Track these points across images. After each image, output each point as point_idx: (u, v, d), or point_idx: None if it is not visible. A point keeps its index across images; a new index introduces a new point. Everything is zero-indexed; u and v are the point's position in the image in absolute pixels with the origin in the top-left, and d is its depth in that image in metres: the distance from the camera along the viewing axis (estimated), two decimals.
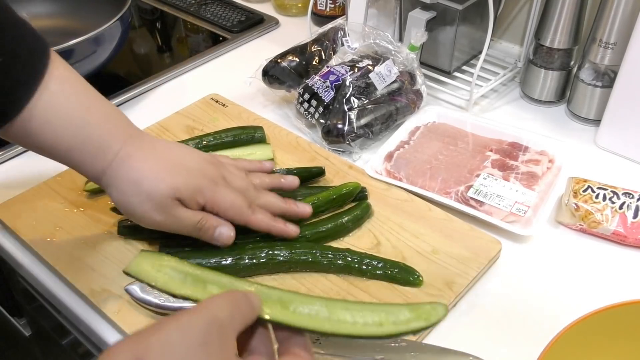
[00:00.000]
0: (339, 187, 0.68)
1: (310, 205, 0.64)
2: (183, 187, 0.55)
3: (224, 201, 0.57)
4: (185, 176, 0.56)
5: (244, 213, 0.58)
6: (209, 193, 0.56)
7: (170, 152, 0.57)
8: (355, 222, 0.66)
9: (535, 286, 0.62)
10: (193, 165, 0.57)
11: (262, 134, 0.77)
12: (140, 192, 0.54)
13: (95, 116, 0.54)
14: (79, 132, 0.53)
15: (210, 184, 0.57)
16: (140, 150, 0.55)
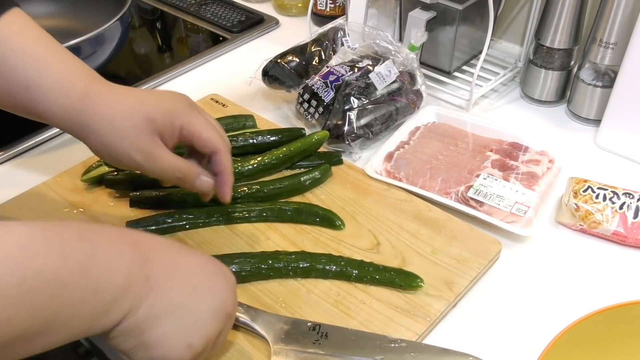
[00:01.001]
0: (308, 137, 0.74)
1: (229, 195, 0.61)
2: (157, 112, 0.53)
3: (200, 124, 0.55)
4: (157, 101, 0.54)
5: (217, 140, 0.57)
6: (185, 117, 0.55)
7: (135, 89, 0.56)
8: (314, 182, 0.70)
9: (535, 286, 0.62)
10: (165, 93, 0.56)
11: (252, 122, 0.79)
12: (114, 128, 0.52)
13: (56, 56, 0.53)
14: (38, 67, 0.52)
15: (186, 107, 0.55)
16: (106, 88, 0.54)
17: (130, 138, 0.53)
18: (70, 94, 0.52)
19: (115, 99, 0.53)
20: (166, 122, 0.54)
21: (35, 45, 0.53)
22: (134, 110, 0.53)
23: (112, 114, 0.52)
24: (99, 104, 0.52)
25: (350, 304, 0.58)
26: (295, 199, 0.70)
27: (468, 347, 0.56)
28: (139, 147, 0.53)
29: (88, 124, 0.52)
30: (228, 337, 0.55)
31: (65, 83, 0.52)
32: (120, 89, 0.55)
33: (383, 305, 0.58)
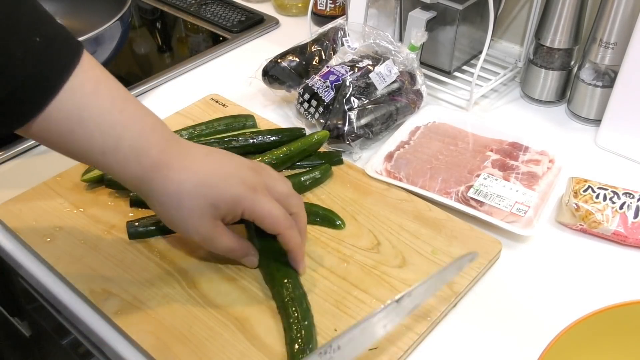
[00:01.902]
0: (308, 137, 0.74)
1: (305, 268, 0.62)
2: (221, 200, 0.54)
3: (261, 210, 0.55)
4: (224, 187, 0.54)
5: (280, 224, 0.56)
6: (248, 202, 0.55)
7: (210, 159, 0.55)
8: (314, 181, 0.71)
9: (536, 286, 0.62)
10: (232, 171, 0.55)
11: (253, 122, 0.79)
12: (180, 207, 0.53)
13: (130, 119, 0.52)
14: (112, 134, 0.51)
15: (249, 192, 0.55)
16: (178, 158, 0.53)
17: (193, 219, 0.54)
18: (143, 163, 0.52)
19: (185, 176, 0.53)
20: (229, 209, 0.55)
21: (111, 106, 0.51)
22: (201, 193, 0.53)
23: (180, 193, 0.53)
24: (169, 178, 0.53)
25: (350, 304, 0.58)
26: None
27: (468, 347, 0.56)
28: (199, 231, 0.55)
29: (155, 196, 0.53)
30: (232, 341, 0.55)
31: (140, 150, 0.52)
32: (191, 157, 0.54)
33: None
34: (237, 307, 0.58)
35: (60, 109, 0.49)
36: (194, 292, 0.59)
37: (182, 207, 0.53)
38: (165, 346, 0.55)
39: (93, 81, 0.51)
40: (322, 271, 0.62)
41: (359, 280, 0.60)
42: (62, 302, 0.61)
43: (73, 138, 0.50)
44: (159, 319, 0.57)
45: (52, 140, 0.51)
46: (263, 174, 0.58)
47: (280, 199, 0.57)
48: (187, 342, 0.55)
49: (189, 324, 0.56)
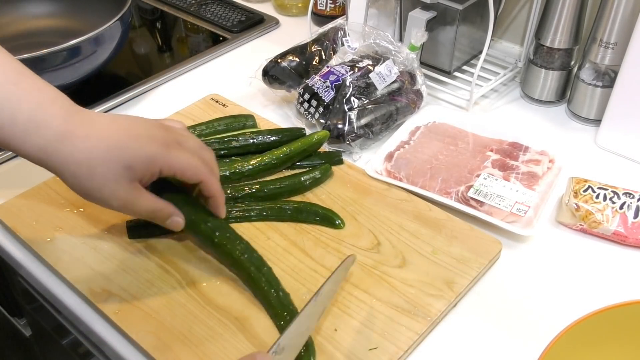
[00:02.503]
0: (308, 137, 0.74)
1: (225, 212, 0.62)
2: (136, 161, 0.52)
3: (178, 163, 0.55)
4: (135, 147, 0.53)
5: (200, 171, 0.56)
6: (164, 158, 0.54)
7: (115, 124, 0.54)
8: (314, 181, 0.71)
9: (536, 286, 0.62)
10: (141, 132, 0.54)
11: (253, 122, 0.79)
12: (93, 175, 0.51)
13: (26, 91, 0.50)
14: (7, 106, 0.49)
15: (163, 149, 0.54)
16: (83, 126, 0.52)
17: (109, 185, 0.52)
18: (45, 134, 0.50)
19: (93, 143, 0.51)
20: (145, 169, 0.53)
21: (3, 79, 0.50)
22: (112, 157, 0.51)
23: (90, 160, 0.51)
24: (76, 146, 0.51)
25: (350, 304, 0.58)
26: (295, 198, 0.70)
27: (468, 347, 0.56)
28: (118, 196, 0.53)
29: (65, 167, 0.51)
30: (232, 341, 0.55)
31: (40, 121, 0.50)
32: (96, 125, 0.52)
33: (383, 305, 0.58)
34: (237, 307, 0.58)
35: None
36: (194, 292, 0.59)
37: (95, 175, 0.51)
38: (165, 346, 0.55)
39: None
40: (322, 271, 0.62)
41: (359, 280, 0.60)
42: (62, 302, 0.61)
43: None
44: (159, 319, 0.57)
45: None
46: (173, 131, 0.57)
47: (193, 152, 0.57)
48: (187, 342, 0.55)
49: (189, 324, 0.56)
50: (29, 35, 0.98)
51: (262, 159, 0.71)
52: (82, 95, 0.87)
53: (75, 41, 0.79)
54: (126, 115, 0.56)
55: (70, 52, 0.79)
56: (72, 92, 0.88)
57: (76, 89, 0.89)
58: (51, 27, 0.99)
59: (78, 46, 0.80)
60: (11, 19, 0.99)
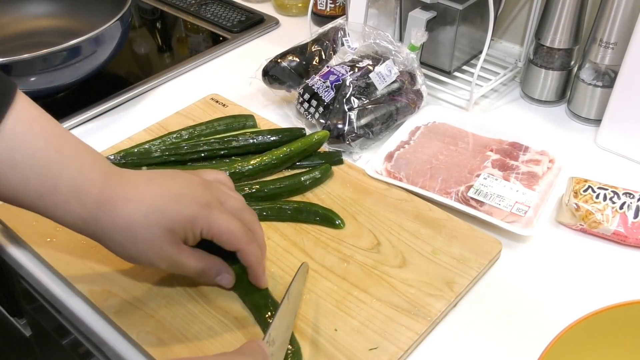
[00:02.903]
0: (308, 137, 0.74)
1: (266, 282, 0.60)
2: (176, 223, 0.51)
3: (218, 226, 0.53)
4: (175, 209, 0.51)
5: (238, 239, 0.54)
6: (203, 221, 0.52)
7: (154, 185, 0.52)
8: (314, 181, 0.71)
9: (536, 286, 0.62)
10: (182, 191, 0.53)
11: (253, 122, 0.79)
12: (136, 241, 0.51)
13: (67, 158, 0.49)
14: (49, 175, 0.48)
15: (203, 210, 0.52)
16: (122, 191, 0.51)
17: (154, 250, 0.52)
18: (86, 202, 0.49)
19: (132, 208, 0.50)
20: (187, 230, 0.52)
21: (45, 145, 0.48)
22: (153, 220, 0.50)
23: (131, 226, 0.50)
24: (117, 214, 0.50)
25: (350, 304, 0.58)
26: (295, 198, 0.70)
27: (468, 346, 0.56)
28: (163, 258, 0.52)
29: (107, 235, 0.51)
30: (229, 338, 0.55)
31: (80, 190, 0.49)
32: (135, 187, 0.51)
33: (383, 305, 0.58)
34: (237, 307, 0.58)
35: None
36: (194, 292, 0.59)
37: (137, 241, 0.51)
38: (165, 346, 0.55)
39: (26, 120, 0.48)
40: (322, 271, 0.62)
41: (359, 280, 0.60)
42: (62, 302, 0.61)
43: (7, 182, 0.48)
44: (159, 319, 0.57)
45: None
46: (214, 189, 0.55)
47: (234, 214, 0.55)
48: (187, 342, 0.55)
49: (189, 324, 0.56)
50: (29, 35, 0.98)
51: (262, 159, 0.71)
52: (82, 95, 0.88)
53: (75, 41, 0.79)
54: (165, 171, 0.56)
55: (70, 52, 0.79)
56: (72, 92, 0.89)
57: (76, 89, 0.89)
58: (51, 27, 0.99)
59: (78, 46, 0.80)
60: (11, 19, 0.99)
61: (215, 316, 0.57)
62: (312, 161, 0.74)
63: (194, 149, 0.73)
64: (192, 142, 0.74)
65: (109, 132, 0.82)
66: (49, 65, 0.79)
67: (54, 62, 0.79)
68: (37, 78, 0.80)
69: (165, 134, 0.76)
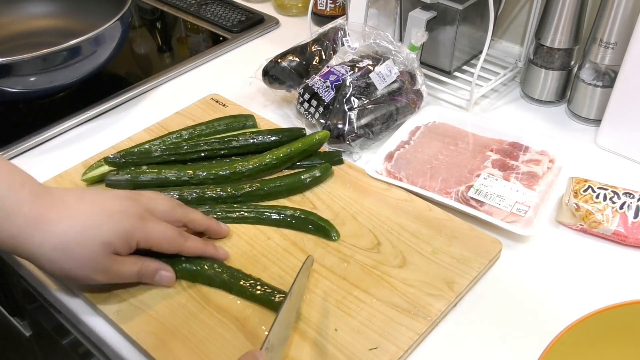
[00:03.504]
0: (309, 137, 0.74)
1: (228, 227, 0.63)
2: (113, 238, 0.53)
3: (154, 235, 0.56)
4: (110, 224, 0.53)
5: (175, 243, 0.57)
6: (139, 232, 0.54)
7: (85, 202, 0.54)
8: (314, 180, 0.71)
9: (536, 286, 0.62)
10: (114, 207, 0.54)
11: (253, 122, 0.79)
12: (72, 257, 0.52)
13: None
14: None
15: (137, 222, 0.54)
16: (52, 209, 0.51)
17: (90, 265, 0.53)
18: (16, 221, 0.50)
19: (66, 225, 0.51)
20: (123, 243, 0.54)
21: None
22: (88, 236, 0.52)
23: (66, 243, 0.51)
24: (50, 231, 0.51)
25: (350, 304, 0.58)
26: (295, 197, 0.70)
27: (468, 346, 0.56)
28: (100, 270, 0.54)
29: (40, 253, 0.51)
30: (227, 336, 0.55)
31: (11, 209, 0.50)
32: (66, 205, 0.52)
33: (384, 305, 0.58)
34: (237, 307, 0.58)
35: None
36: (194, 292, 0.59)
37: (73, 257, 0.51)
38: (165, 346, 0.55)
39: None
40: (322, 271, 0.62)
41: (359, 280, 0.60)
42: (62, 302, 0.61)
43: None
44: (159, 319, 0.57)
45: None
46: (141, 200, 0.57)
47: (166, 215, 0.58)
48: (187, 342, 0.55)
49: (189, 324, 0.56)
50: (29, 35, 0.98)
51: (263, 159, 0.71)
52: (82, 95, 0.88)
53: (75, 41, 0.79)
54: (92, 190, 0.58)
55: (70, 52, 0.79)
56: (72, 92, 0.89)
57: (76, 89, 0.89)
58: (51, 27, 0.99)
59: (78, 46, 0.80)
60: (11, 19, 0.99)
61: (215, 316, 0.57)
62: (312, 161, 0.74)
63: (194, 149, 0.73)
64: (192, 142, 0.74)
65: (109, 132, 0.82)
66: (49, 65, 0.79)
67: (54, 62, 0.79)
68: (37, 78, 0.80)
69: (166, 134, 0.76)
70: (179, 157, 0.73)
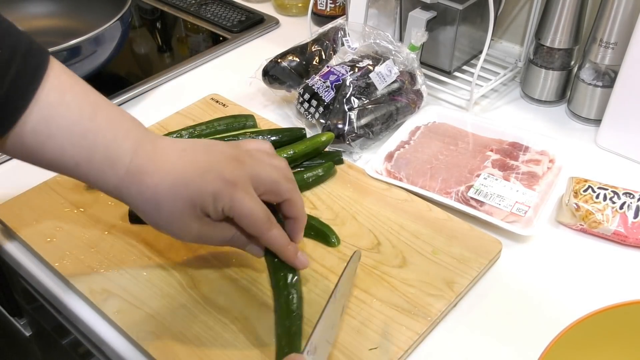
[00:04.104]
0: (314, 139, 0.73)
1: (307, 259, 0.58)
2: (199, 198, 0.50)
3: (239, 209, 0.51)
4: (199, 184, 0.50)
5: (258, 226, 0.52)
6: (225, 199, 0.50)
7: (185, 156, 0.52)
8: (317, 179, 0.71)
9: (536, 286, 0.62)
10: (211, 166, 0.51)
11: (253, 122, 0.79)
12: (160, 212, 0.51)
13: (102, 126, 0.49)
14: (84, 145, 0.49)
15: (227, 187, 0.50)
16: (152, 160, 0.50)
17: (177, 222, 0.51)
18: (118, 172, 0.50)
19: (159, 178, 0.50)
20: (209, 206, 0.51)
21: (79, 115, 0.48)
22: (176, 193, 0.50)
23: (156, 197, 0.50)
24: (143, 184, 0.50)
25: (350, 304, 0.58)
26: None
27: (468, 346, 0.56)
28: (188, 231, 0.52)
29: (135, 204, 0.51)
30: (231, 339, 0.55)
31: (113, 159, 0.49)
32: (166, 157, 0.51)
33: (384, 305, 0.58)
34: (237, 307, 0.58)
35: (27, 124, 0.47)
36: (194, 292, 0.59)
37: (161, 212, 0.51)
38: (165, 346, 0.55)
39: (59, 91, 0.48)
40: (322, 271, 0.62)
41: (359, 280, 0.60)
42: (62, 302, 0.61)
43: (44, 151, 0.48)
44: (159, 319, 0.57)
45: (24, 155, 0.49)
46: (248, 162, 0.53)
47: (270, 188, 0.53)
48: (187, 342, 0.55)
49: (189, 324, 0.56)
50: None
51: None
52: None
53: (75, 41, 0.79)
54: (201, 142, 0.54)
55: (70, 52, 0.79)
56: None
57: None
58: (51, 27, 0.99)
59: (78, 46, 0.80)
60: (11, 19, 0.98)
61: (215, 316, 0.57)
62: (312, 161, 0.74)
63: None
64: None
65: None
66: None
67: None
68: None
69: (165, 134, 0.76)
70: None
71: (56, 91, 0.48)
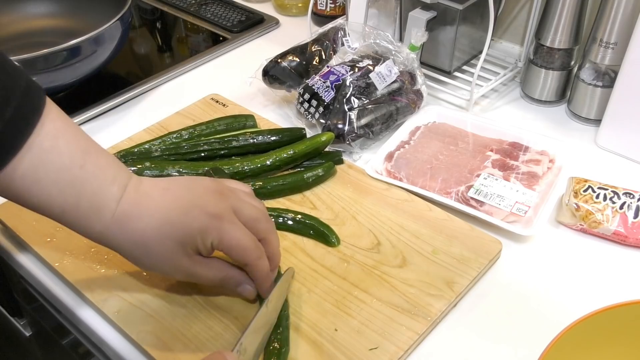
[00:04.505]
0: (314, 139, 0.73)
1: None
2: (187, 237, 0.51)
3: (228, 240, 0.52)
4: (185, 222, 0.51)
5: (248, 254, 0.53)
6: (214, 233, 0.51)
7: (168, 195, 0.52)
8: (317, 179, 0.71)
9: (536, 286, 0.62)
10: (194, 202, 0.52)
11: (253, 121, 0.79)
12: (150, 254, 0.51)
13: (90, 174, 0.49)
14: (71, 193, 0.48)
15: (214, 222, 0.51)
16: (136, 204, 0.50)
17: (167, 262, 0.52)
18: (103, 219, 0.50)
19: (145, 222, 0.50)
20: (198, 242, 0.51)
21: (70, 162, 0.48)
22: (164, 234, 0.50)
23: (145, 241, 0.50)
24: (130, 228, 0.50)
25: (350, 304, 0.58)
26: (296, 197, 0.70)
27: (468, 346, 0.56)
28: (178, 269, 0.52)
29: (124, 248, 0.51)
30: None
31: (99, 206, 0.49)
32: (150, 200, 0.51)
33: (384, 305, 0.58)
34: (237, 307, 0.58)
35: (17, 168, 0.46)
36: (194, 292, 0.59)
37: (151, 254, 0.51)
38: (165, 346, 0.55)
39: (52, 136, 0.48)
40: (322, 271, 0.62)
41: (359, 280, 0.60)
42: (62, 302, 0.61)
43: (31, 195, 0.48)
44: (159, 319, 0.57)
45: (10, 196, 0.49)
46: (230, 197, 0.54)
47: (249, 223, 0.54)
48: (187, 342, 0.55)
49: (189, 324, 0.56)
50: (29, 35, 0.98)
51: (266, 160, 0.71)
52: (82, 95, 0.88)
53: (75, 41, 0.79)
54: (183, 180, 0.54)
55: (70, 52, 0.79)
56: (72, 92, 0.89)
57: (76, 89, 0.89)
58: (51, 27, 0.99)
59: (78, 46, 0.80)
60: (11, 19, 0.99)
61: (215, 316, 0.57)
62: (312, 161, 0.74)
63: (194, 149, 0.73)
64: (192, 142, 0.74)
65: (109, 132, 0.82)
66: (49, 65, 0.79)
67: (54, 62, 0.79)
68: (37, 78, 0.79)
69: (165, 134, 0.76)
70: (179, 157, 0.73)
71: (50, 137, 0.47)
